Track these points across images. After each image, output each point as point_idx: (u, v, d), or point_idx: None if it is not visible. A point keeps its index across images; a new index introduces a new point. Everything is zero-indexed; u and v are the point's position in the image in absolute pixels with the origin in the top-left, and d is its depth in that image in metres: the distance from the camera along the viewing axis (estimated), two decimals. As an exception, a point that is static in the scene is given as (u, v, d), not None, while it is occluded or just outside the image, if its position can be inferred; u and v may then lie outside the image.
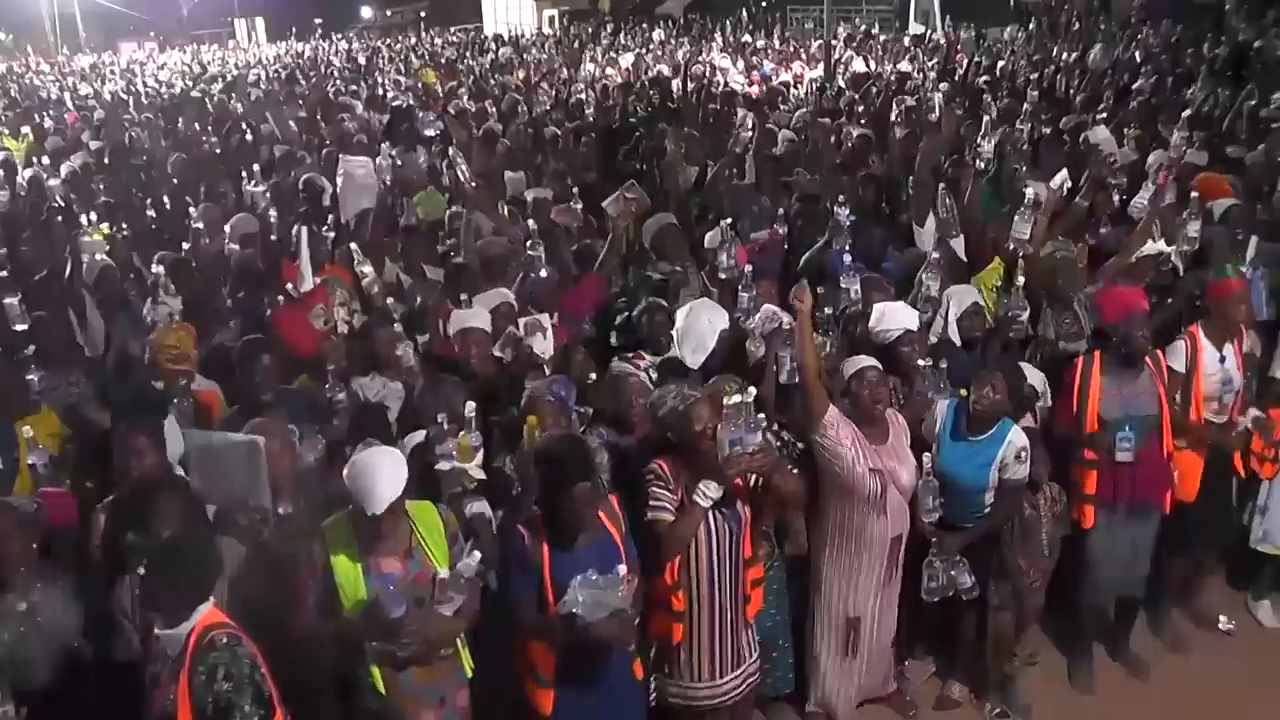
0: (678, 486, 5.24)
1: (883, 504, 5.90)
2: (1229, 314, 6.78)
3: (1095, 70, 17.22)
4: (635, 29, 33.99)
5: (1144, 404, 6.43)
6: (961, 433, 6.15)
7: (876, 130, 12.32)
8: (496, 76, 22.27)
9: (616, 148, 12.26)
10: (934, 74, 18.40)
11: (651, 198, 8.78)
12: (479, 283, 7.52)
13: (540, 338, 6.48)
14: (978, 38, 23.64)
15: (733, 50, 25.65)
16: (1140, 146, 10.86)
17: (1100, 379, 6.41)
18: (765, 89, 18.05)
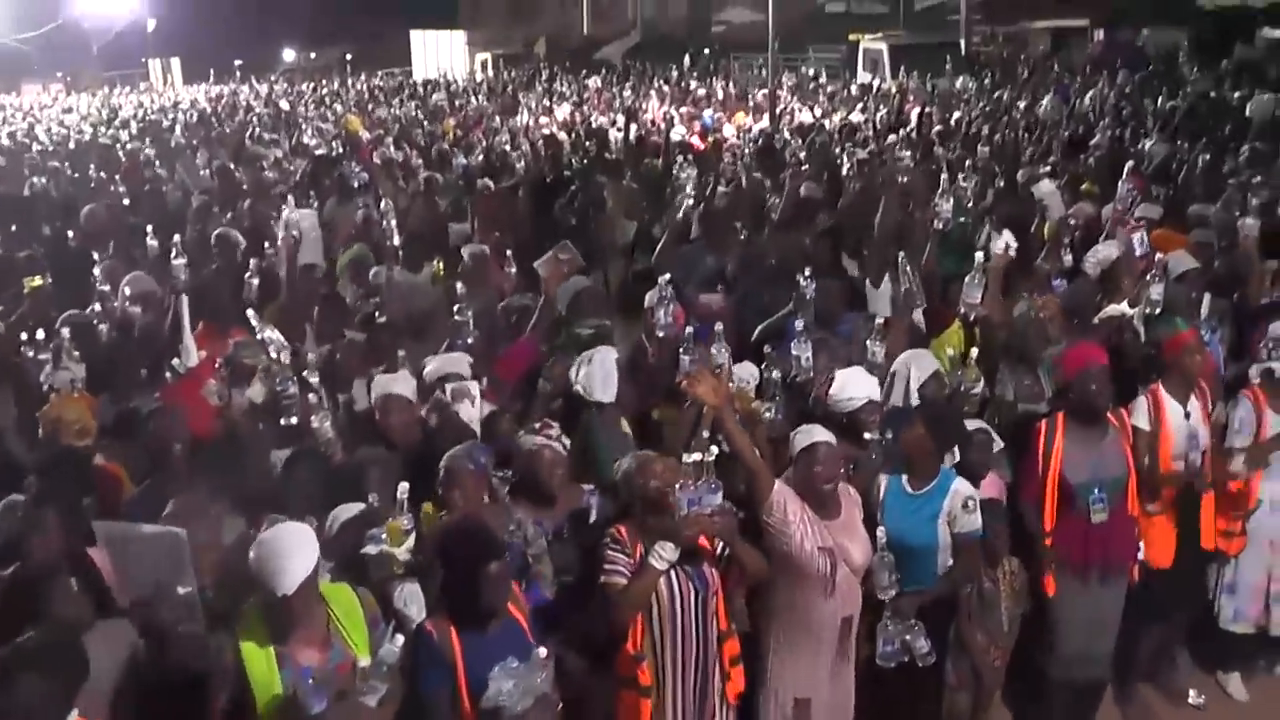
0: (635, 551, 5.22)
1: (832, 583, 5.80)
2: (1185, 366, 6.87)
3: (1047, 121, 17.48)
4: (572, 75, 34.17)
5: (1112, 466, 6.49)
6: (903, 486, 6.15)
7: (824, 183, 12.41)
8: (425, 124, 22.25)
9: (551, 202, 12.24)
10: (884, 125, 18.60)
11: (588, 254, 8.76)
12: (404, 342, 7.44)
13: (467, 404, 6.40)
14: (929, 88, 23.93)
15: (674, 99, 25.82)
16: (1096, 201, 11.01)
17: (1064, 441, 6.46)
18: (708, 140, 18.13)
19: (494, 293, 8.74)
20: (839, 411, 6.42)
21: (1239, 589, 7.30)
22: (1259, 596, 7.28)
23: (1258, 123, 16.35)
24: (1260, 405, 7.09)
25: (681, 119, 21.74)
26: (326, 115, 25.80)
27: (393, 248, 9.14)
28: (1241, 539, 7.18)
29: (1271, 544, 7.21)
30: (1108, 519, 6.41)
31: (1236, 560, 7.24)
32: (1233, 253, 9.05)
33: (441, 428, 6.39)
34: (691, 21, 51.80)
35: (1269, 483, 7.14)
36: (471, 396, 6.49)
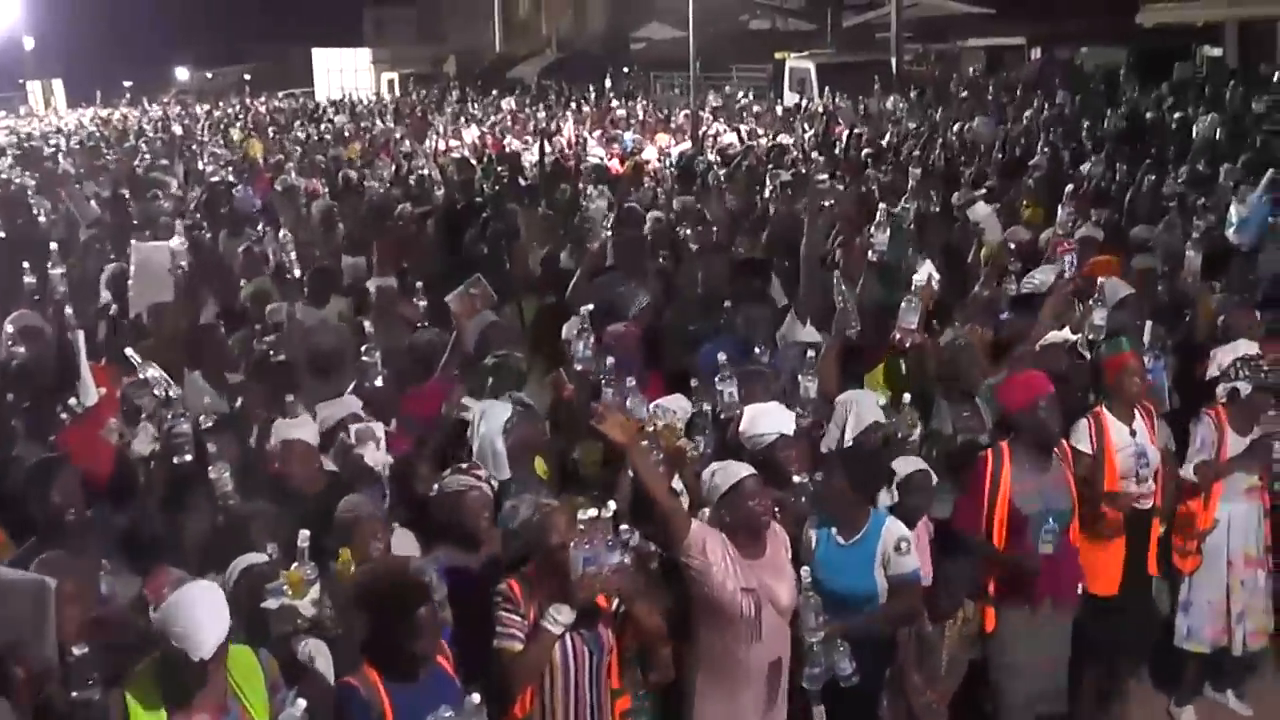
0: (529, 610, 5.17)
1: (758, 626, 5.79)
2: (1124, 388, 7.04)
3: (979, 143, 17.68)
4: (484, 96, 34.15)
5: (1061, 496, 6.61)
6: (833, 537, 6.15)
7: (748, 208, 12.47)
8: (330, 149, 22.11)
9: (462, 230, 12.19)
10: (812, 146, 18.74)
11: (501, 286, 8.70)
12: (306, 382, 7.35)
13: (372, 448, 6.33)
14: (858, 108, 24.15)
15: (592, 120, 25.88)
16: (1035, 224, 11.15)
17: (1011, 472, 6.54)
18: (627, 163, 18.16)
19: (403, 330, 8.65)
20: (751, 447, 6.42)
21: (1193, 608, 7.49)
22: (1218, 616, 7.45)
23: (1200, 143, 16.65)
24: (1222, 425, 7.29)
25: (599, 141, 21.78)
26: (223, 140, 25.55)
27: (294, 281, 9.02)
28: (1196, 558, 7.39)
29: (1231, 564, 7.39)
30: (1055, 551, 6.48)
31: (1191, 579, 7.44)
32: (1176, 280, 9.20)
33: (345, 473, 6.31)
34: (610, 39, 52.10)
35: (1228, 503, 7.35)
36: (376, 439, 6.42)
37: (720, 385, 6.84)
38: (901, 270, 8.81)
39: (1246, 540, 7.42)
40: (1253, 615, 7.49)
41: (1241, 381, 7.25)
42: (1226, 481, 7.31)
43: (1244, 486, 7.36)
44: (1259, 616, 7.53)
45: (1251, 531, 7.44)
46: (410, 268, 10.32)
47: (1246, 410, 7.27)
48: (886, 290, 8.62)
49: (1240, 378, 7.26)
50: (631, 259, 9.93)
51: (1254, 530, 7.45)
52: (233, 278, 10.55)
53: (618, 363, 6.92)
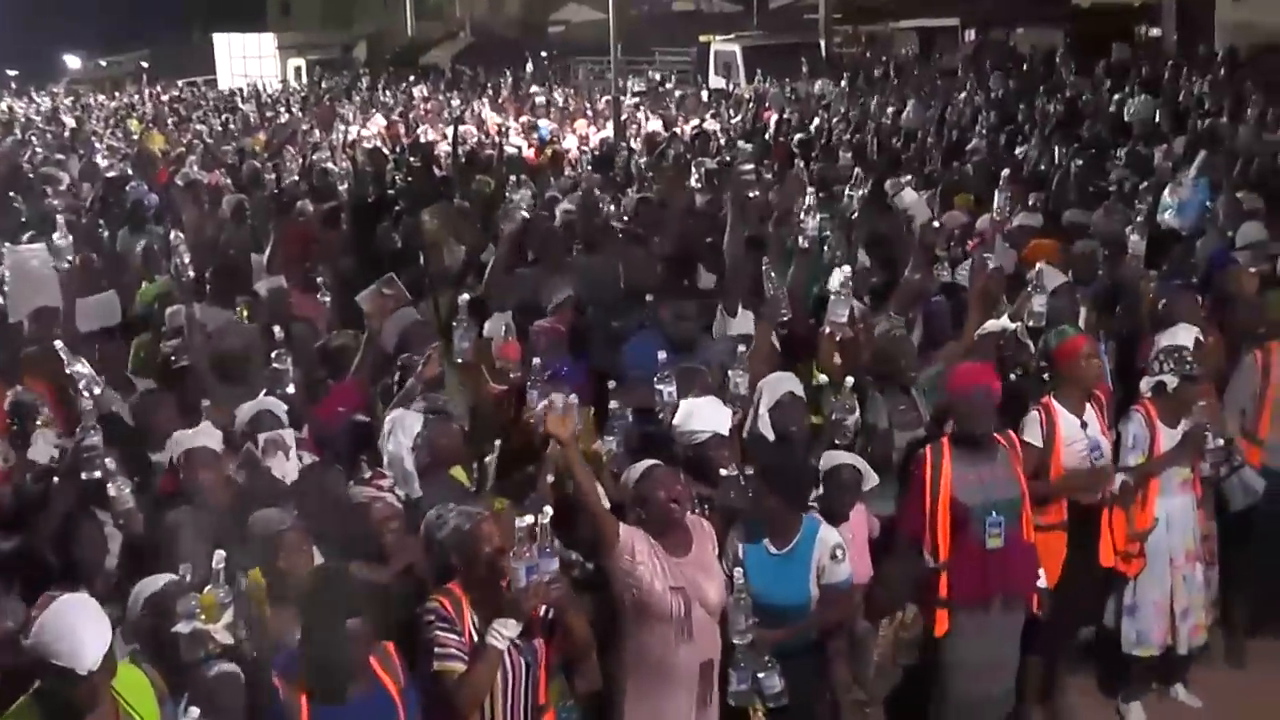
0: (464, 627, 5.14)
1: (688, 626, 5.82)
2: (1080, 374, 7.14)
3: (910, 128, 17.81)
4: (396, 82, 33.95)
5: (1005, 488, 6.65)
6: (763, 546, 6.18)
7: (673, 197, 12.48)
8: (234, 140, 21.90)
9: (373, 225, 12.12)
10: (739, 133, 18.80)
11: (415, 283, 8.67)
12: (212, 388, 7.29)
13: (282, 457, 6.27)
14: (786, 92, 24.25)
15: (509, 107, 25.82)
16: (973, 210, 11.25)
17: (952, 466, 6.59)
18: (546, 152, 18.15)
19: (310, 331, 8.59)
20: (683, 444, 6.46)
21: (1140, 611, 7.55)
22: (1163, 616, 7.53)
23: (1139, 126, 16.87)
24: (1153, 420, 7.36)
25: (517, 129, 21.73)
26: (119, 132, 25.23)
27: (192, 282, 8.89)
28: (1140, 560, 7.44)
29: (1172, 561, 7.48)
30: (1004, 545, 6.56)
31: (1135, 582, 7.50)
32: (1118, 266, 9.31)
33: (253, 485, 6.25)
34: (527, 22, 52.06)
35: (1165, 499, 7.42)
36: (287, 448, 6.37)
37: (660, 386, 6.88)
38: (835, 259, 8.86)
39: (1185, 535, 7.52)
40: (1194, 611, 7.60)
41: (1168, 375, 7.32)
42: (1162, 477, 7.40)
43: (1179, 480, 7.45)
44: (1199, 612, 7.64)
45: (1189, 525, 7.54)
46: (317, 265, 10.24)
47: (1175, 403, 7.34)
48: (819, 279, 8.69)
49: (1166, 371, 7.33)
50: (549, 251, 9.93)
51: (1191, 523, 7.55)
52: (131, 278, 10.43)
53: (543, 359, 6.93)
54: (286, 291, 9.41)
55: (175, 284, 9.45)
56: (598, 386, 7.53)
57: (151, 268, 10.48)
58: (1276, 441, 8.04)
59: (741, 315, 8.36)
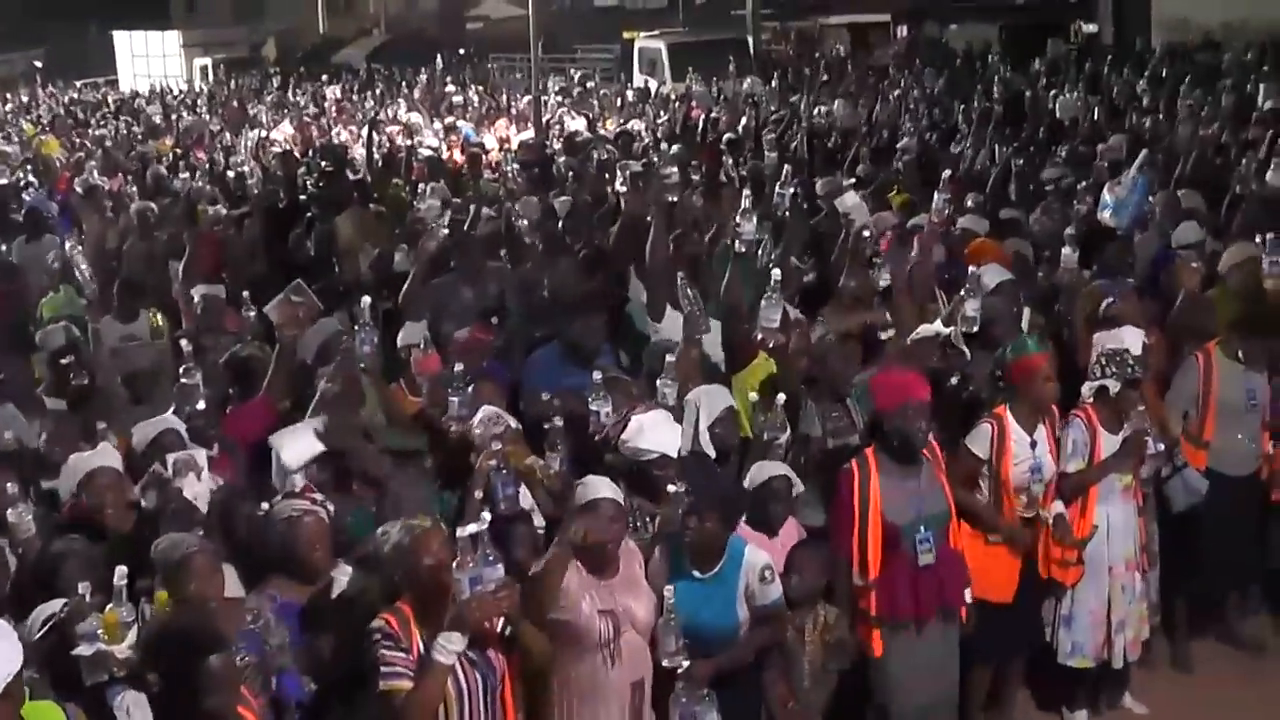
0: (412, 644, 5.13)
1: (616, 649, 5.85)
2: (1037, 393, 7.17)
3: (841, 127, 17.89)
4: (308, 82, 33.76)
5: (934, 501, 6.72)
6: (687, 571, 6.18)
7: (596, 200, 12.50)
8: (137, 145, 21.69)
9: (285, 232, 12.04)
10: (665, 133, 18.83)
11: (328, 292, 8.61)
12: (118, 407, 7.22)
13: (193, 478, 6.22)
14: (713, 91, 24.31)
15: (427, 107, 25.74)
16: (906, 211, 11.33)
17: (881, 479, 6.61)
18: (465, 154, 18.10)
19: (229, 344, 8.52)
20: (629, 459, 6.47)
21: (1076, 621, 7.58)
22: (1099, 627, 7.58)
23: (1073, 124, 17.07)
24: (1094, 425, 7.41)
25: (435, 131, 21.67)
26: (14, 136, 24.91)
27: (95, 294, 8.81)
28: (1079, 568, 7.46)
29: (1111, 570, 7.53)
30: (935, 560, 6.62)
31: (1073, 592, 7.53)
32: (1055, 266, 9.41)
33: (161, 508, 6.18)
34: (444, 18, 51.87)
35: (1104, 507, 7.47)
36: (198, 468, 6.30)
37: (595, 405, 6.88)
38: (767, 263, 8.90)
39: (1125, 544, 7.56)
40: (1131, 623, 7.66)
41: (1110, 379, 7.39)
42: (1102, 484, 7.44)
43: (1120, 486, 7.50)
44: (1136, 625, 7.70)
45: (1130, 533, 7.59)
46: (228, 275, 10.17)
47: (1116, 408, 7.41)
48: (753, 284, 8.71)
49: (1109, 375, 7.39)
50: (470, 259, 9.90)
51: (1132, 531, 7.60)
52: (29, 290, 10.31)
53: (467, 372, 6.92)
54: (222, 300, 9.32)
55: (78, 296, 9.40)
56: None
57: (59, 279, 10.34)
58: (1221, 444, 8.16)
59: (669, 318, 8.35)
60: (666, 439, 6.54)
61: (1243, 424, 8.19)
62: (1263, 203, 11.08)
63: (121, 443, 6.83)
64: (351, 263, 10.35)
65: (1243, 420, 8.18)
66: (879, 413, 6.81)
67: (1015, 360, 7.26)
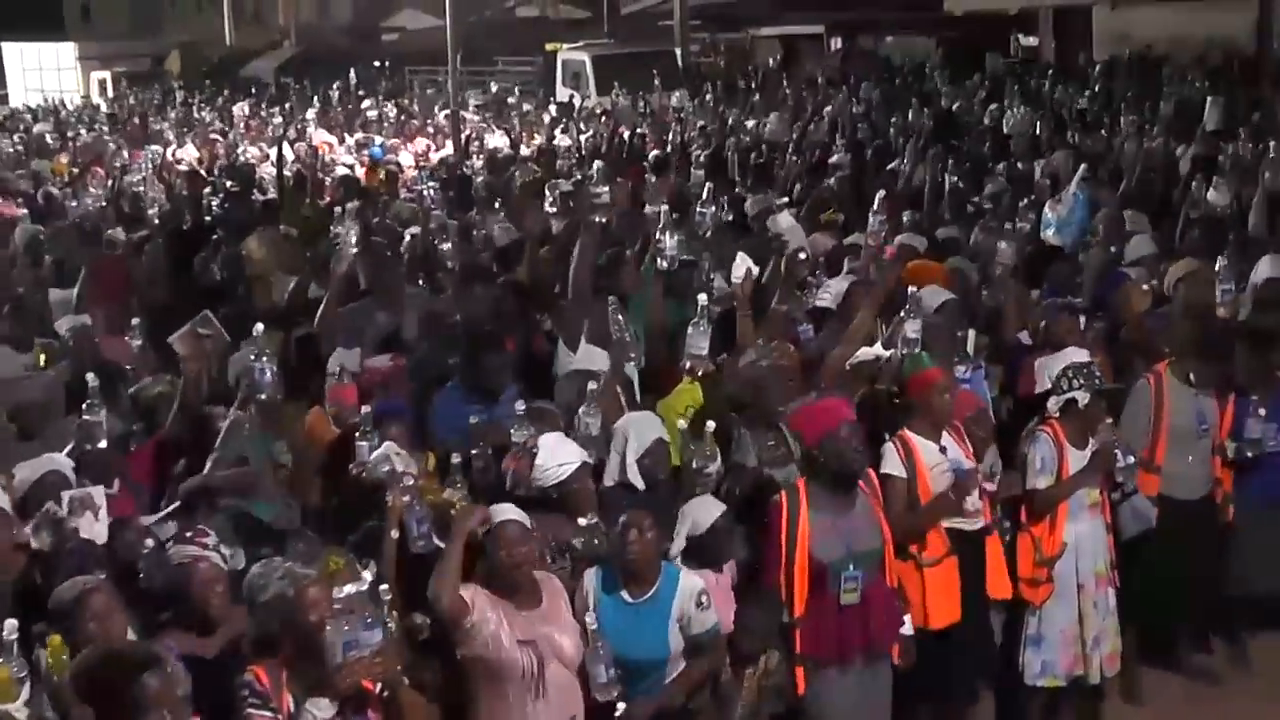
0: (281, 702, 5.07)
1: (541, 683, 5.83)
2: (933, 408, 7.21)
3: (773, 143, 17.97)
4: (214, 97, 33.54)
5: (866, 536, 6.71)
6: (619, 596, 6.18)
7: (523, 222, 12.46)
8: (27, 164, 21.45)
9: (190, 256, 11.95)
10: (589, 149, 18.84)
11: (238, 321, 8.52)
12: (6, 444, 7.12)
13: (90, 517, 6.13)
14: (639, 105, 24.37)
15: (340, 124, 25.64)
16: (838, 231, 11.39)
17: (810, 513, 6.60)
18: (379, 173, 18.04)
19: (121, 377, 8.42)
20: (549, 485, 6.46)
21: (1046, 640, 7.63)
22: (1071, 644, 7.64)
23: (1017, 139, 17.24)
24: (1060, 441, 7.50)
25: (348, 148, 21.58)
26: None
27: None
28: (1048, 586, 7.53)
29: (1082, 588, 7.60)
30: (862, 600, 6.62)
31: (1041, 610, 7.59)
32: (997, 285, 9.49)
33: (56, 549, 6.09)
34: (358, 29, 51.75)
35: (1073, 523, 7.55)
36: (95, 507, 6.22)
37: (517, 436, 6.83)
38: (692, 285, 8.89)
39: (1095, 559, 7.63)
40: (1107, 638, 7.73)
41: (1078, 391, 7.45)
42: (1071, 500, 7.51)
43: (1088, 502, 7.58)
44: (1113, 639, 7.78)
45: (1100, 549, 7.66)
46: (129, 302, 10.07)
47: (1083, 422, 7.49)
48: (676, 305, 8.71)
49: (1076, 387, 7.46)
50: (385, 283, 9.84)
51: (1101, 547, 7.68)
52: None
53: (383, 403, 6.87)
54: (91, 331, 9.21)
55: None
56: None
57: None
58: (1174, 468, 8.24)
59: (584, 350, 8.31)
60: (573, 451, 6.54)
61: (1194, 448, 8.27)
62: (1211, 223, 11.23)
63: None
64: (262, 289, 10.26)
65: (1194, 445, 8.27)
66: (808, 442, 6.80)
67: (913, 374, 7.32)
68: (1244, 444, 8.32)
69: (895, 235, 10.50)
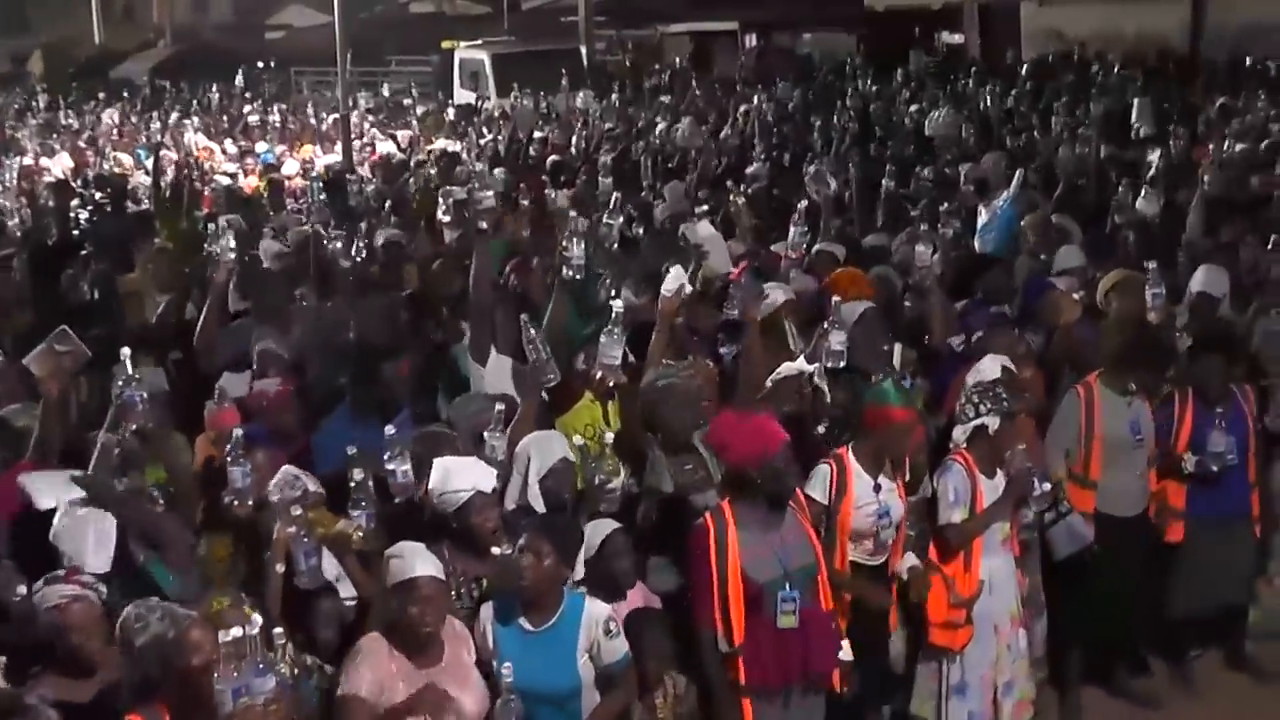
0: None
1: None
2: (889, 446, 7.24)
3: (685, 148, 18.03)
4: (83, 100, 33.18)
5: (799, 553, 6.70)
6: (517, 625, 6.16)
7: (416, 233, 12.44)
8: None
9: (57, 273, 11.81)
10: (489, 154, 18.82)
11: (110, 343, 8.43)
12: None
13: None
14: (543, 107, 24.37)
15: (221, 129, 25.45)
16: (758, 239, 11.43)
17: (739, 534, 6.58)
18: (264, 181, 17.94)
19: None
20: (444, 510, 6.43)
21: (970, 689, 7.62)
22: (989, 690, 7.65)
23: (941, 143, 17.39)
24: (972, 470, 7.51)
25: (229, 156, 21.43)
26: None
27: None
28: (968, 629, 7.51)
29: (997, 628, 7.61)
30: (800, 621, 6.62)
31: (963, 656, 7.57)
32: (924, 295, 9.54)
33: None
34: (239, 28, 51.40)
35: (988, 559, 7.55)
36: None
37: (391, 465, 6.79)
38: (596, 297, 8.89)
39: (1008, 599, 7.66)
40: (1018, 684, 7.75)
41: (987, 416, 7.46)
42: (986, 535, 7.51)
43: (1000, 538, 7.61)
44: (1024, 685, 7.80)
45: (1011, 587, 7.69)
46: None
47: (993, 448, 7.52)
48: (582, 317, 8.71)
49: (984, 412, 7.47)
50: (267, 300, 9.77)
51: (1012, 585, 7.70)
52: None
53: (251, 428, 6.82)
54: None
55: None
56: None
57: None
58: (1108, 483, 8.31)
59: (495, 361, 8.32)
60: (477, 476, 6.50)
61: (1130, 461, 8.36)
62: (1143, 229, 11.37)
63: None
64: (136, 307, 10.16)
65: (1130, 457, 8.35)
66: (737, 466, 6.76)
67: (871, 407, 7.29)
68: (1206, 457, 8.43)
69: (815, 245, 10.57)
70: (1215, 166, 12.96)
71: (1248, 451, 8.63)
